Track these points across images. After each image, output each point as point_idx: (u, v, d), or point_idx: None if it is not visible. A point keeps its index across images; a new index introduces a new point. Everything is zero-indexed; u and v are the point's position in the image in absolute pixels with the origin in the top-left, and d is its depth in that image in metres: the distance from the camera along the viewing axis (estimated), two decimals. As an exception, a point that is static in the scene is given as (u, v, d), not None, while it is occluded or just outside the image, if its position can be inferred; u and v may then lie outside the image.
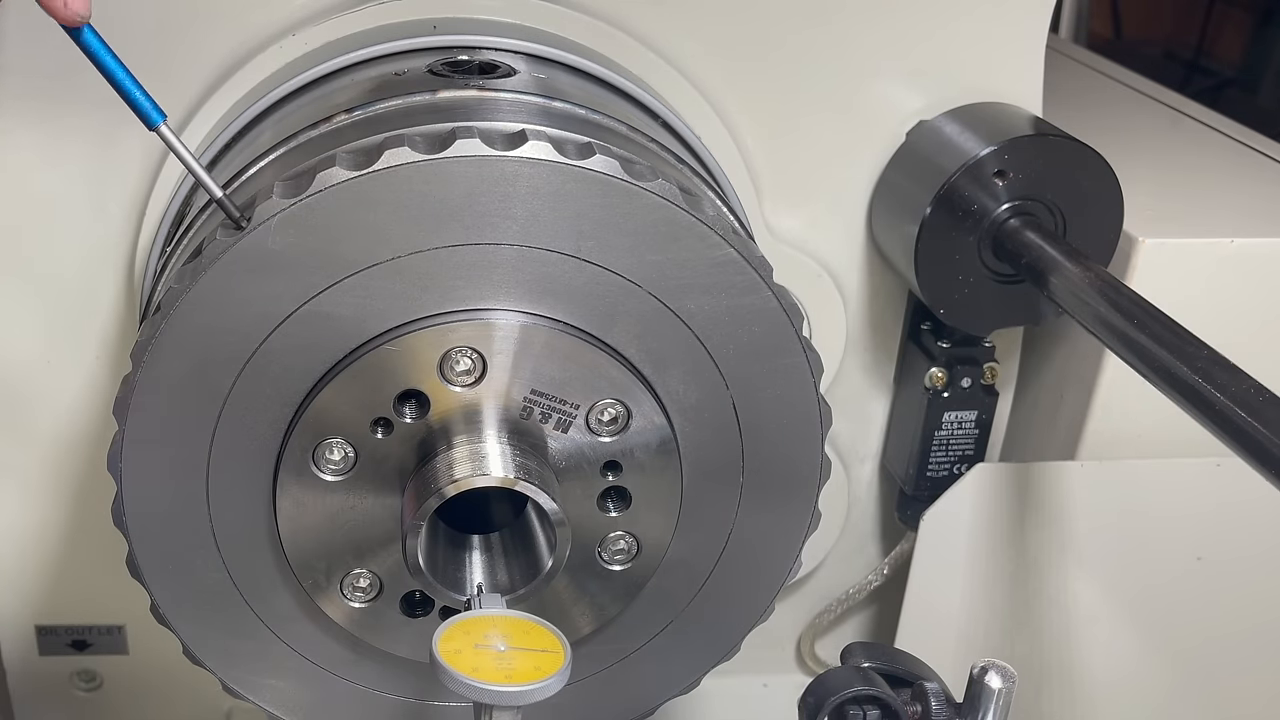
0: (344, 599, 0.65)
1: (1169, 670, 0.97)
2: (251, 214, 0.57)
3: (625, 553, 0.67)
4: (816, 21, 0.85)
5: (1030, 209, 0.83)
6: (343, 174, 0.57)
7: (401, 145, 0.58)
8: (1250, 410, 0.60)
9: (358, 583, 0.65)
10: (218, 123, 0.79)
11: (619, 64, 0.81)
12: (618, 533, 0.66)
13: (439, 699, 0.72)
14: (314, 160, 0.61)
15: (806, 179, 0.89)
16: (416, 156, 0.57)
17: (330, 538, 0.63)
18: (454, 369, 0.60)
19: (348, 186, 0.57)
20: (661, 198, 0.60)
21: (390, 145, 0.58)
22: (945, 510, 0.94)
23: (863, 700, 0.63)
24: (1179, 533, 0.93)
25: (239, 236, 0.57)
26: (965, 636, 0.97)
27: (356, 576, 0.65)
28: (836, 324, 0.93)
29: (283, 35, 0.80)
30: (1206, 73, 2.24)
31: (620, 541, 0.66)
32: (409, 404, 0.61)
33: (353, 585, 0.65)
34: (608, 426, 0.63)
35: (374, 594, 0.65)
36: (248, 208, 0.58)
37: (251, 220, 0.57)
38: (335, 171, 0.57)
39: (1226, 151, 1.06)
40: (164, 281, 0.69)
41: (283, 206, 0.57)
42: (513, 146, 0.58)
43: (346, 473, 0.62)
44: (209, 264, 0.57)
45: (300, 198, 0.57)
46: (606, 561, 0.66)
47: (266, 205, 0.57)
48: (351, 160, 0.58)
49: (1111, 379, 0.89)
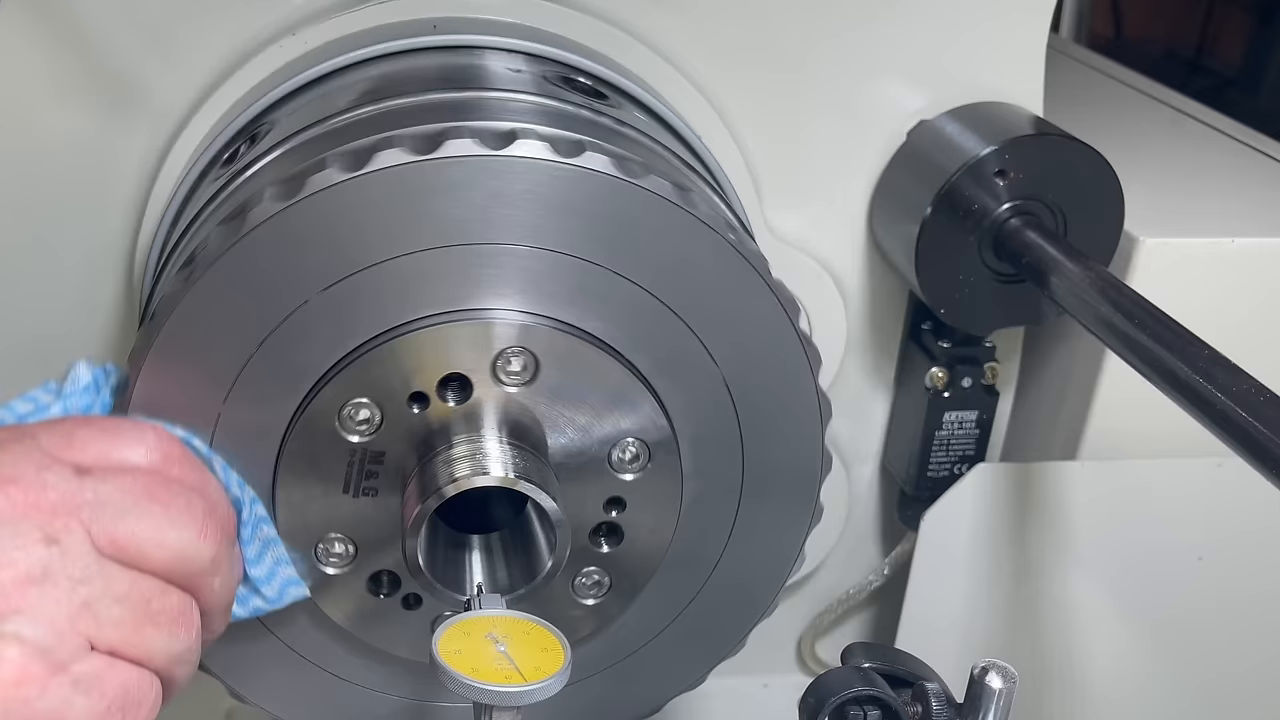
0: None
1: (1169, 670, 0.97)
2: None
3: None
4: (817, 21, 0.85)
5: (1031, 209, 0.83)
6: (336, 176, 0.57)
7: (392, 147, 0.58)
8: (1250, 410, 0.60)
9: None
10: (218, 122, 0.79)
11: (619, 64, 0.81)
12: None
13: (439, 699, 0.72)
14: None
15: (807, 178, 0.89)
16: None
17: (330, 538, 0.64)
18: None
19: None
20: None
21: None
22: (945, 510, 0.94)
23: (863, 700, 0.62)
24: (1179, 533, 0.93)
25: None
26: (965, 636, 0.97)
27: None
28: (837, 324, 0.93)
29: (283, 35, 0.80)
30: (1207, 72, 2.25)
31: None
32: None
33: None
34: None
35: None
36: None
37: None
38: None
39: (1227, 151, 1.06)
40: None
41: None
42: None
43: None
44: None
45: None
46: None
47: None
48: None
49: (1112, 379, 0.89)
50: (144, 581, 0.51)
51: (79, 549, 0.49)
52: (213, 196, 0.69)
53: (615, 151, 0.61)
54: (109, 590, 0.50)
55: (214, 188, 0.69)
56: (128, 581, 0.51)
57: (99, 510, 0.50)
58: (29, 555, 0.48)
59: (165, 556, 0.52)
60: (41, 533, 0.49)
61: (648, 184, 0.60)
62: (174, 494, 0.53)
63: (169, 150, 0.81)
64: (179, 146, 0.81)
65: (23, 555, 0.48)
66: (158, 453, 0.54)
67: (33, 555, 0.48)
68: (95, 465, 0.52)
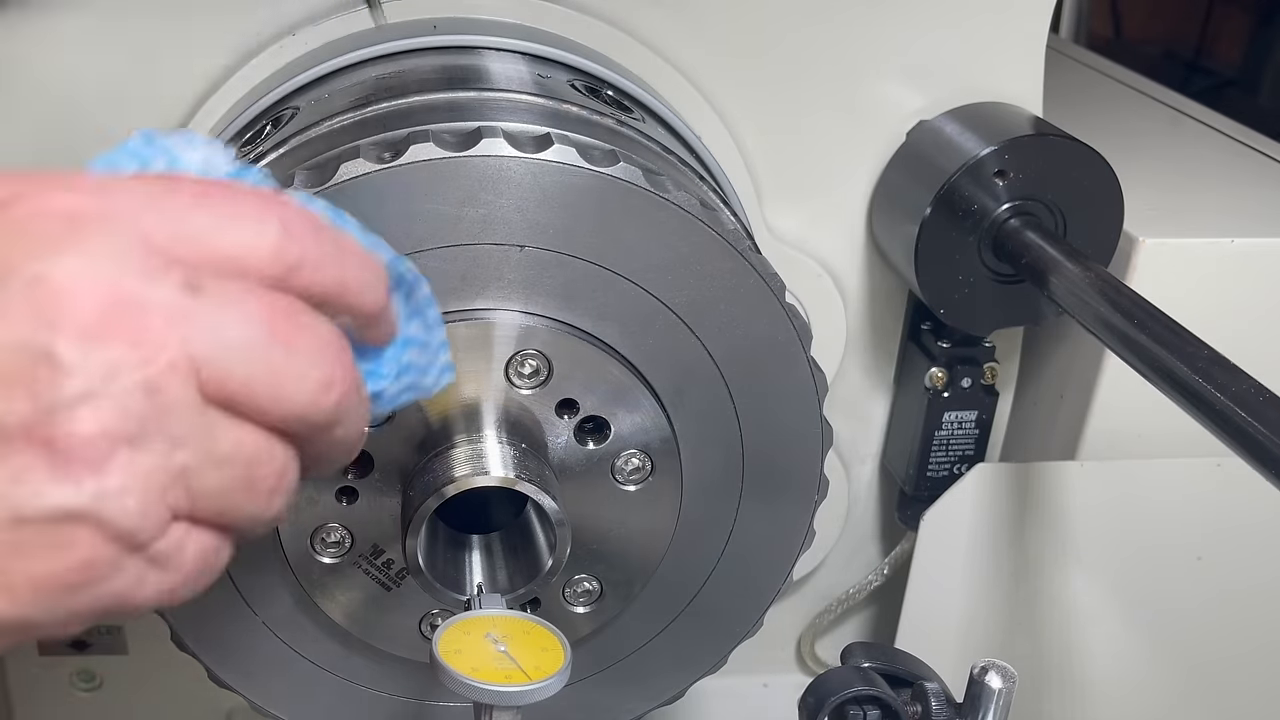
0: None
1: (1169, 670, 0.97)
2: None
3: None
4: (817, 20, 0.85)
5: (1030, 209, 0.83)
6: (367, 165, 0.57)
7: (427, 140, 0.58)
8: (1250, 410, 0.60)
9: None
10: (217, 122, 0.79)
11: (619, 64, 0.81)
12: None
13: (439, 699, 0.72)
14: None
15: (806, 178, 0.89)
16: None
17: (330, 538, 0.64)
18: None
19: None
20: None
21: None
22: (945, 510, 0.94)
23: (863, 700, 0.63)
24: (1179, 533, 0.93)
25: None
26: (965, 636, 0.97)
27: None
28: (836, 324, 0.93)
29: (283, 35, 0.80)
30: (1206, 73, 2.25)
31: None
32: None
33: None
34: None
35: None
36: None
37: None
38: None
39: (1226, 151, 1.06)
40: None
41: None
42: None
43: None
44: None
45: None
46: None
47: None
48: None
49: (1111, 379, 0.89)
50: (251, 440, 0.41)
51: (183, 399, 0.39)
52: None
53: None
54: (211, 453, 0.40)
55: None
56: (233, 442, 0.41)
57: (213, 348, 0.39)
58: (124, 405, 0.37)
59: (283, 412, 0.42)
60: (141, 374, 0.38)
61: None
62: (300, 328, 0.42)
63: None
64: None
65: (114, 406, 0.37)
66: (293, 253, 0.42)
67: (130, 404, 0.37)
68: (213, 271, 0.40)
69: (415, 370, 0.50)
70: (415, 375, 0.50)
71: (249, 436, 0.41)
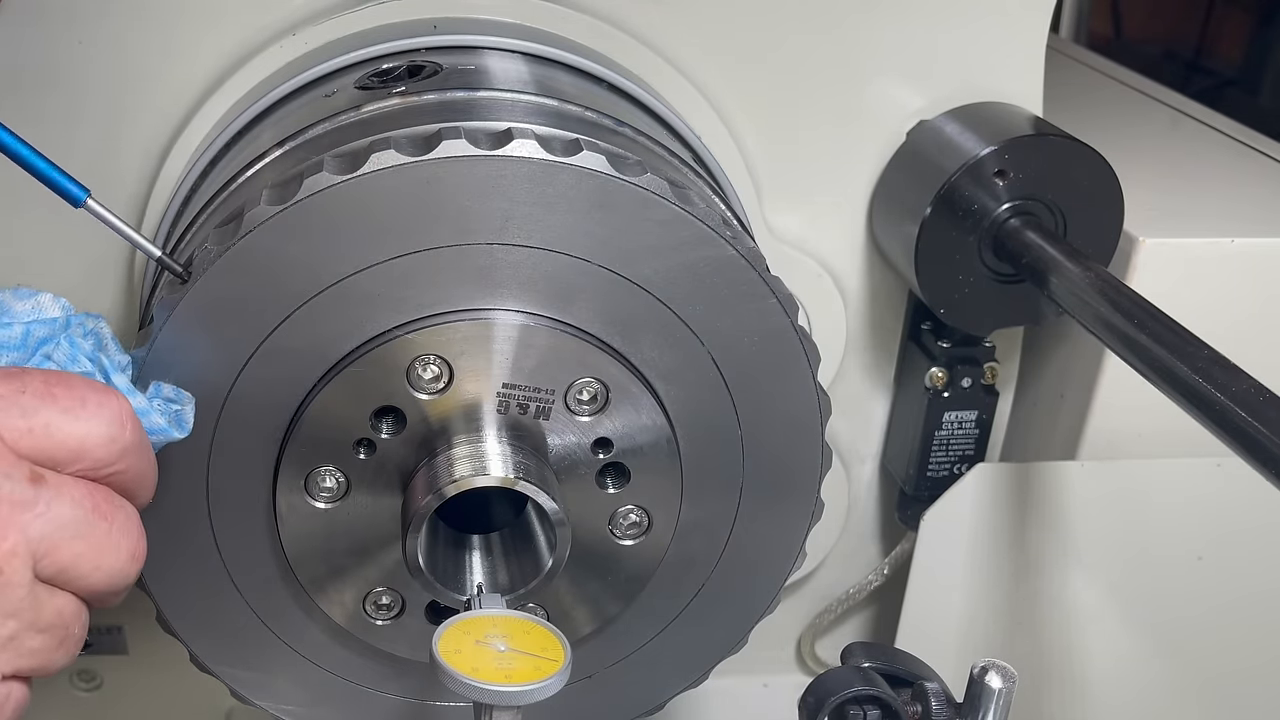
0: (368, 618, 0.66)
1: (1169, 670, 0.97)
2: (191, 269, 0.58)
3: (624, 552, 0.67)
4: (817, 21, 0.85)
5: (1030, 209, 0.83)
6: (330, 179, 0.57)
7: (388, 149, 0.58)
8: (1250, 410, 0.60)
9: (380, 600, 0.66)
10: (217, 123, 0.79)
11: (619, 64, 0.81)
12: (618, 531, 0.66)
13: (439, 699, 0.72)
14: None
15: (807, 178, 0.89)
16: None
17: (331, 541, 0.64)
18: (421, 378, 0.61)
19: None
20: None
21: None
22: (945, 510, 0.94)
23: (863, 700, 0.63)
24: (1179, 533, 0.93)
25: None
26: (965, 636, 0.97)
27: (378, 595, 0.65)
28: (837, 324, 0.93)
29: (283, 35, 0.80)
30: (1206, 73, 2.24)
31: (621, 541, 0.66)
32: (386, 419, 0.62)
33: (375, 603, 0.66)
34: (586, 405, 0.63)
35: (396, 611, 0.66)
36: (189, 263, 0.59)
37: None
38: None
39: (1227, 151, 1.06)
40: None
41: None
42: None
43: (341, 498, 0.63)
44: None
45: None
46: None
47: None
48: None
49: (1111, 379, 0.89)
50: (69, 607, 0.49)
51: (19, 579, 0.46)
52: (210, 199, 0.69)
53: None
54: (35, 622, 0.47)
55: (213, 189, 0.70)
56: (54, 610, 0.48)
57: (51, 528, 0.47)
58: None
59: (100, 578, 0.49)
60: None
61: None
62: (116, 506, 0.50)
63: (169, 151, 0.81)
64: (179, 147, 0.81)
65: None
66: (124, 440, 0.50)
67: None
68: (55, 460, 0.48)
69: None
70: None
71: (68, 604, 0.49)
